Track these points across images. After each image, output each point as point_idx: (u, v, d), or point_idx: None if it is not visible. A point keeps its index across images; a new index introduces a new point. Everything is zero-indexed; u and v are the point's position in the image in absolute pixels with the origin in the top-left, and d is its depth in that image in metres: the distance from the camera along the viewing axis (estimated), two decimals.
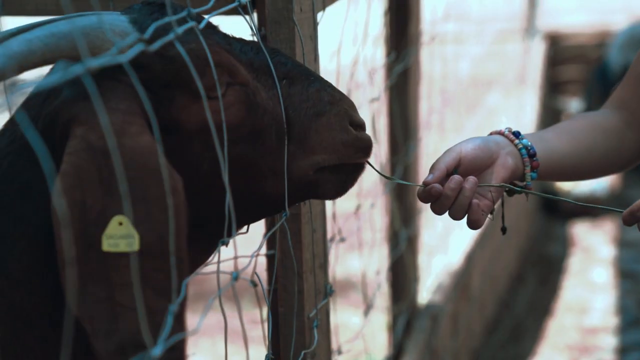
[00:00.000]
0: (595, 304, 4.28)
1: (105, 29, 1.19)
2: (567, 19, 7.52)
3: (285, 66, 1.38)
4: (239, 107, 1.31)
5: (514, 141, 1.50)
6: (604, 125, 1.62)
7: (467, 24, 4.91)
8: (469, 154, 1.46)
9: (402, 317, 2.91)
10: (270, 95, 1.35)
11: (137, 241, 1.13)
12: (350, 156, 1.40)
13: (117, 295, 1.13)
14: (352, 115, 1.41)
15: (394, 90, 2.74)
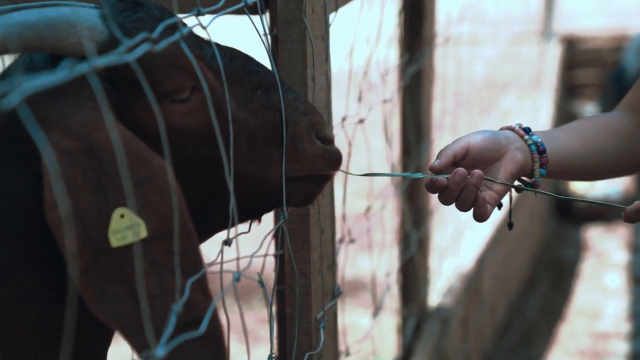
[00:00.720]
0: (607, 309, 4.26)
1: (74, 22, 1.19)
2: (584, 22, 7.49)
3: (257, 75, 1.38)
4: (203, 113, 1.30)
5: (524, 137, 1.49)
6: (615, 127, 1.61)
7: (482, 25, 4.89)
8: (477, 145, 1.45)
9: (412, 320, 2.90)
10: (241, 104, 1.35)
11: (144, 227, 1.13)
12: (319, 168, 1.42)
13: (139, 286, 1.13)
14: (320, 129, 1.42)
15: (407, 92, 2.73)
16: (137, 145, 1.17)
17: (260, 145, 1.36)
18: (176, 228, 1.13)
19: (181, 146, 1.30)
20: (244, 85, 1.36)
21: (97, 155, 1.14)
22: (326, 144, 1.42)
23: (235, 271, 1.30)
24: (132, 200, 1.12)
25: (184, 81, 1.28)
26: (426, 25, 2.72)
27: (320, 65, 1.60)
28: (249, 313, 3.86)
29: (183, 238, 1.16)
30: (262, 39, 1.49)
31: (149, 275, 1.13)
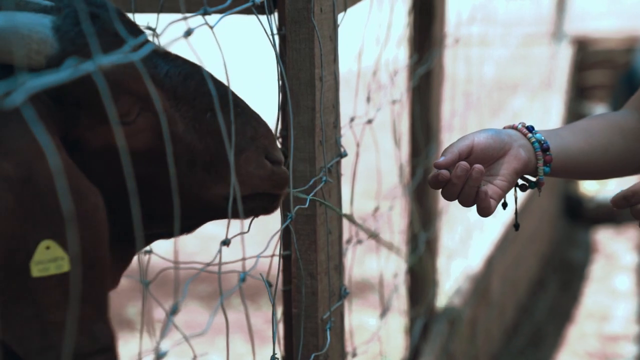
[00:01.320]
0: (616, 312, 4.24)
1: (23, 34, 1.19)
2: (595, 23, 7.46)
3: (209, 97, 1.37)
4: (147, 134, 1.32)
5: (527, 135, 1.51)
6: (622, 125, 1.61)
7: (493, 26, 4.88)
8: (481, 143, 1.46)
9: (420, 321, 2.89)
10: (189, 125, 1.36)
11: (67, 262, 1.13)
12: (265, 189, 1.44)
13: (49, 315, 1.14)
14: (270, 152, 1.44)
15: (416, 92, 2.72)
16: (75, 180, 1.17)
17: (199, 169, 1.37)
18: None
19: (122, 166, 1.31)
20: (195, 106, 1.37)
21: (34, 185, 1.14)
22: (275, 165, 1.44)
23: (241, 271, 1.30)
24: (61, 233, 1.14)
25: (131, 106, 1.30)
26: (436, 25, 2.71)
27: (329, 65, 1.59)
28: (257, 313, 3.85)
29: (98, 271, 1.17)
30: (269, 39, 1.49)
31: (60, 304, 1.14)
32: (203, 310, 3.89)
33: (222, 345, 3.58)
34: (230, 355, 3.25)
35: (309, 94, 1.55)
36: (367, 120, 2.05)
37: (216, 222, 1.47)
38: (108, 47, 1.25)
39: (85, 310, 1.15)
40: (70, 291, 1.13)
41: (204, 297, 3.98)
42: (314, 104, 1.55)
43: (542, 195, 4.69)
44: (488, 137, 1.47)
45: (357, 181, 1.96)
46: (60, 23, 1.25)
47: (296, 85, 1.55)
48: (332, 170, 1.64)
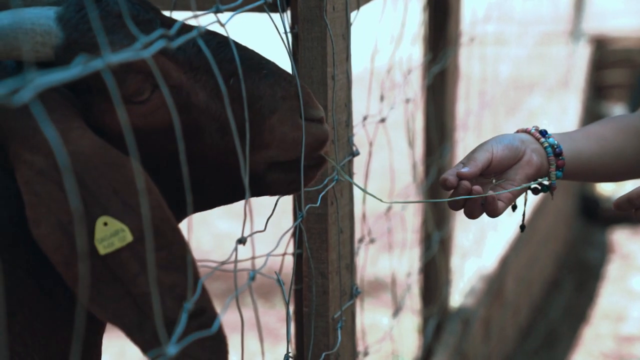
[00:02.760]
0: (632, 312, 4.22)
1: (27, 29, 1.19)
2: (613, 22, 7.42)
3: (231, 63, 1.34)
4: (167, 110, 1.29)
5: (540, 139, 1.52)
6: (638, 127, 1.60)
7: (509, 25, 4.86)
8: (499, 155, 1.48)
9: (433, 320, 2.89)
10: (212, 94, 1.33)
11: (129, 232, 1.15)
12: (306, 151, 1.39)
13: (133, 288, 1.15)
14: (306, 109, 1.39)
15: (431, 91, 2.71)
16: (109, 152, 1.18)
17: (232, 137, 1.33)
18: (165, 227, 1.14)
19: (150, 144, 1.29)
20: (214, 74, 1.32)
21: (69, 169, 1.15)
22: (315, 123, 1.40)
23: (251, 269, 1.30)
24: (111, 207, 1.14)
25: (140, 85, 1.28)
26: (451, 24, 2.70)
27: (341, 64, 1.59)
28: (270, 311, 3.86)
29: (167, 234, 1.17)
30: (281, 37, 1.49)
31: (139, 275, 1.15)
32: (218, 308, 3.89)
33: (236, 343, 3.58)
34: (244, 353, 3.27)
35: (321, 92, 1.55)
36: (380, 119, 2.04)
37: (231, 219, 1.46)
38: (112, 29, 1.25)
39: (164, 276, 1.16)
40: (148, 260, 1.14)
41: (219, 295, 3.98)
42: (326, 102, 1.55)
43: (558, 195, 4.67)
44: (504, 147, 1.48)
45: (371, 180, 1.95)
46: (63, 12, 1.25)
47: (308, 84, 1.55)
48: (344, 169, 1.63)
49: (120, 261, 1.14)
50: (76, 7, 1.26)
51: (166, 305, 1.16)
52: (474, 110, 3.57)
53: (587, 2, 6.87)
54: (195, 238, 4.34)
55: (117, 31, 1.25)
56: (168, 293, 1.16)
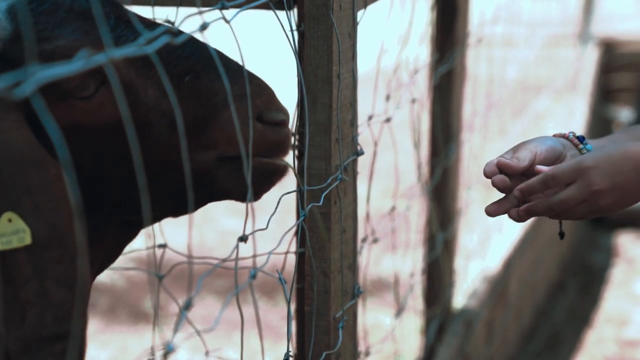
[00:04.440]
0: (636, 317, 4.21)
1: None
2: (622, 25, 7.40)
3: (188, 60, 1.31)
4: (112, 108, 1.26)
5: (579, 145, 1.50)
6: None
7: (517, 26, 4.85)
8: (541, 155, 1.46)
9: (435, 321, 2.88)
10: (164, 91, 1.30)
11: (29, 234, 1.12)
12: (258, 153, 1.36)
13: (20, 292, 1.12)
14: (262, 111, 1.36)
15: (437, 91, 2.71)
16: (34, 151, 1.15)
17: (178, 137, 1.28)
18: None
19: (94, 142, 1.26)
20: (170, 71, 1.31)
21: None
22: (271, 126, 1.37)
23: (252, 267, 1.29)
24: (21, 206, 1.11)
25: (84, 80, 1.24)
26: (458, 24, 2.69)
27: (347, 63, 1.58)
28: (273, 310, 3.86)
29: (70, 248, 1.14)
30: (287, 35, 1.48)
31: (30, 281, 1.12)
32: (219, 305, 3.90)
33: (237, 341, 3.58)
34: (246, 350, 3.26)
35: (326, 91, 1.54)
36: (385, 119, 2.04)
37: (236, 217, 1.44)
38: (60, 23, 1.23)
39: (55, 291, 1.13)
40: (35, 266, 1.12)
41: (221, 292, 3.98)
42: (330, 101, 1.54)
43: None
44: (548, 149, 1.47)
45: (376, 180, 1.95)
46: (14, 4, 1.23)
47: (313, 82, 1.55)
48: (348, 169, 1.63)
49: (16, 262, 1.12)
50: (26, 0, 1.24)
51: (43, 320, 1.13)
52: (480, 112, 3.56)
53: (596, 5, 6.86)
54: (199, 235, 4.34)
55: (65, 25, 1.23)
56: (52, 309, 1.13)
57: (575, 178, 1.38)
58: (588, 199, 1.39)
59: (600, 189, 1.38)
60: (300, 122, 1.61)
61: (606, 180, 1.38)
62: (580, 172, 1.38)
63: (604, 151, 1.40)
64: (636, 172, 1.39)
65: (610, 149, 1.40)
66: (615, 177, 1.38)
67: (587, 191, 1.38)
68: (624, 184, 1.39)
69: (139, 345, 3.65)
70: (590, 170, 1.37)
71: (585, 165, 1.38)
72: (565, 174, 1.39)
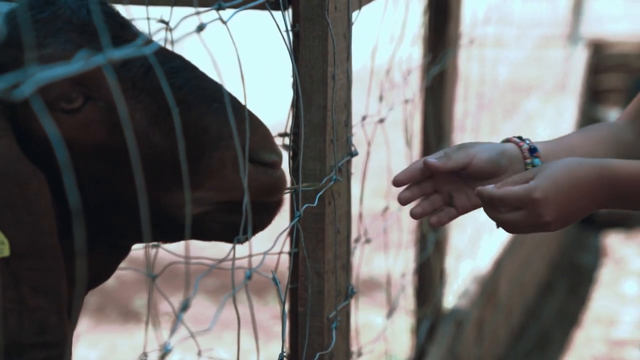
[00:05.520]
0: (624, 317, 4.22)
1: None
2: (611, 27, 7.42)
3: (180, 90, 1.25)
4: (98, 127, 1.23)
5: (526, 159, 1.49)
6: (617, 138, 1.60)
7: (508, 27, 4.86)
8: (477, 165, 1.46)
9: (426, 321, 2.89)
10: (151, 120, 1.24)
11: (7, 247, 1.12)
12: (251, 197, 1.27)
13: None
14: (254, 152, 1.28)
15: (429, 92, 2.71)
16: (18, 164, 1.13)
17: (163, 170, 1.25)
18: None
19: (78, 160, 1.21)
20: (159, 100, 1.24)
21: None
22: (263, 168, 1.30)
23: (247, 268, 1.29)
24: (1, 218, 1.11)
25: (66, 90, 1.21)
26: (451, 25, 2.70)
27: (342, 64, 1.58)
28: (264, 309, 3.85)
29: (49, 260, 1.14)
30: (283, 36, 1.48)
31: (7, 289, 1.11)
32: (210, 305, 3.89)
33: (229, 341, 3.58)
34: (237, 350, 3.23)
35: (321, 92, 1.54)
36: (379, 120, 2.04)
37: None
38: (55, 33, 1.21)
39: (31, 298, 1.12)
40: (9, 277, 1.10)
41: (212, 291, 3.98)
42: (325, 102, 1.54)
43: None
44: (488, 160, 1.46)
45: (368, 180, 1.95)
46: (13, 10, 1.22)
47: (308, 83, 1.55)
48: (343, 169, 1.63)
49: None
50: (27, 6, 1.22)
51: (23, 327, 1.12)
52: (471, 112, 3.57)
53: (586, 7, 6.88)
54: None
55: (60, 35, 1.21)
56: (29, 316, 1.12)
57: (524, 206, 1.38)
58: (535, 224, 1.40)
59: (549, 219, 1.38)
60: (295, 122, 1.61)
61: (554, 212, 1.38)
62: (528, 203, 1.37)
63: (551, 178, 1.38)
64: (585, 199, 1.39)
65: (557, 174, 1.38)
66: (564, 207, 1.38)
67: (535, 220, 1.38)
68: (572, 212, 1.40)
69: (128, 345, 3.64)
70: (538, 202, 1.36)
71: (535, 197, 1.36)
72: (514, 201, 1.38)
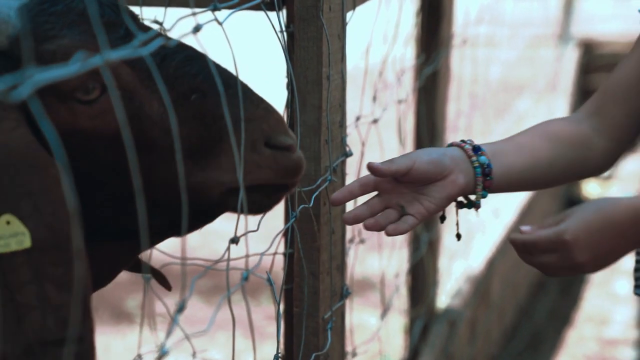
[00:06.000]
0: (616, 316, 4.24)
1: None
2: (602, 26, 7.44)
3: (195, 78, 1.27)
4: (115, 116, 1.22)
5: (472, 158, 1.49)
6: (572, 134, 1.60)
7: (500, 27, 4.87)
8: (420, 168, 1.44)
9: (420, 321, 2.89)
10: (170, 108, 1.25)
11: (29, 237, 1.10)
12: (266, 179, 1.31)
13: (18, 295, 1.10)
14: (270, 135, 1.30)
15: (422, 92, 2.71)
16: (35, 153, 1.13)
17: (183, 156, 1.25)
18: None
19: (93, 150, 1.23)
20: (176, 88, 1.26)
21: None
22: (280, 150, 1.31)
23: (244, 269, 1.29)
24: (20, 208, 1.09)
25: (85, 81, 1.21)
26: (444, 25, 2.70)
27: (336, 64, 1.58)
28: (256, 309, 3.85)
29: (70, 252, 1.12)
30: (278, 36, 1.48)
31: (30, 285, 1.10)
32: (203, 305, 3.89)
33: (221, 341, 3.57)
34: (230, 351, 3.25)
35: (315, 92, 1.54)
36: (372, 120, 2.04)
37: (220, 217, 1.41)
38: (70, 25, 1.21)
39: (55, 294, 1.11)
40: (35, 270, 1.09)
41: (204, 292, 3.98)
42: (320, 102, 1.54)
43: (543, 197, 4.68)
44: (430, 161, 1.45)
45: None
46: (26, 3, 1.22)
47: (303, 84, 1.55)
48: (337, 170, 1.63)
49: (14, 265, 1.09)
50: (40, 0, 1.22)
51: (46, 324, 1.11)
52: (464, 112, 3.57)
53: (576, 6, 6.89)
54: None
55: (74, 27, 1.21)
56: (52, 312, 1.11)
57: (556, 249, 1.37)
58: (569, 267, 1.39)
59: (582, 261, 1.38)
60: (290, 123, 1.61)
61: (587, 254, 1.37)
62: (560, 245, 1.37)
63: (583, 219, 1.38)
64: (619, 238, 1.38)
65: (589, 215, 1.38)
66: (597, 249, 1.37)
67: (569, 263, 1.38)
68: (606, 253, 1.39)
69: (121, 345, 3.64)
70: (569, 244, 1.36)
71: (565, 239, 1.36)
72: (546, 244, 1.38)
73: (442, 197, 1.46)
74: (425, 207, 1.46)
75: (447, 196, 1.46)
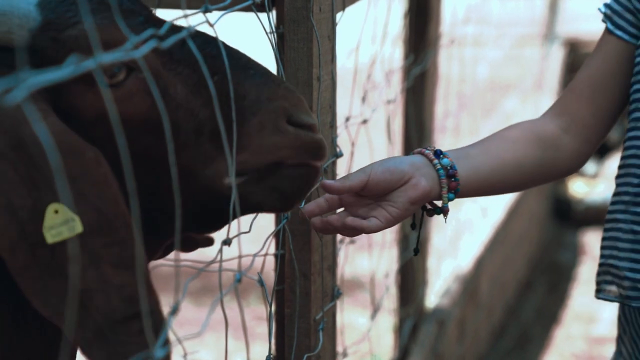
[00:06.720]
0: (603, 314, 4.25)
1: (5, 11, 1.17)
2: (587, 26, 7.47)
3: (216, 60, 1.27)
4: (142, 98, 1.22)
5: (433, 161, 1.48)
6: (539, 135, 1.60)
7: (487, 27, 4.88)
8: (376, 178, 1.44)
9: (409, 321, 2.89)
10: (193, 90, 1.25)
11: (79, 222, 1.10)
12: (289, 158, 1.30)
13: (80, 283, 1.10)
14: (294, 114, 1.30)
15: (410, 93, 2.72)
16: (68, 138, 1.12)
17: (206, 139, 1.26)
18: None
19: None
20: (198, 69, 1.25)
21: (26, 150, 1.09)
22: (304, 129, 1.31)
23: (237, 271, 1.29)
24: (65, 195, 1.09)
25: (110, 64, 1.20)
26: (431, 26, 2.71)
27: (326, 65, 1.59)
28: (245, 310, 3.85)
29: (121, 231, 1.12)
30: (268, 37, 1.48)
31: (88, 269, 1.10)
32: (192, 306, 3.88)
33: (211, 342, 3.57)
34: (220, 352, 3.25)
35: (306, 93, 1.54)
36: (362, 121, 2.05)
37: None
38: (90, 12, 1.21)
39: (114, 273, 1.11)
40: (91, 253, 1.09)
41: (193, 293, 3.97)
42: (311, 103, 1.55)
43: (530, 197, 4.70)
44: (385, 170, 1.44)
45: None
46: None
47: (294, 85, 1.55)
48: (328, 170, 1.63)
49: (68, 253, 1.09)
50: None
51: (112, 305, 1.10)
52: (452, 112, 3.58)
53: (561, 6, 6.91)
54: None
55: (95, 14, 1.21)
56: (115, 292, 1.11)
57: None
58: None
59: None
60: None
61: None
62: None
63: None
64: None
65: None
66: None
67: None
68: None
69: None
70: None
71: None
72: None
73: (404, 201, 1.44)
74: (388, 212, 1.45)
75: (409, 200, 1.44)
